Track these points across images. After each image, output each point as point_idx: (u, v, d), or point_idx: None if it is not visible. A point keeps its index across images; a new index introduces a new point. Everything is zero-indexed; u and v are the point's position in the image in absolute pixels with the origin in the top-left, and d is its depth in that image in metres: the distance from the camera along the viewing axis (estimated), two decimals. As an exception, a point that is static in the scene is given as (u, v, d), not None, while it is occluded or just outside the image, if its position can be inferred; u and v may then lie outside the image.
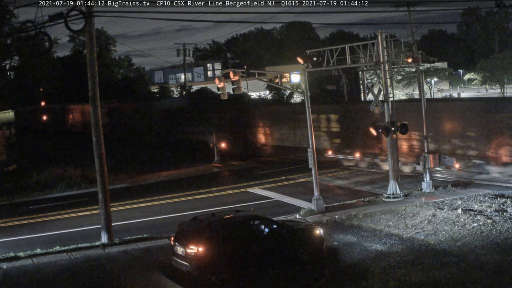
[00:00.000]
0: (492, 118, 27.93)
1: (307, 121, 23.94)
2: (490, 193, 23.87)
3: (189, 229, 16.86)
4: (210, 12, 56.47)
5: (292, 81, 66.19)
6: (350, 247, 18.40)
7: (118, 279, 16.89)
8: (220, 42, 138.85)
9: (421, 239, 18.54)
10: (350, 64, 27.07)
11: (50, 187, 32.29)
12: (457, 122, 29.69)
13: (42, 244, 20.40)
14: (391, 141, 24.80)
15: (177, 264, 16.57)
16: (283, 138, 41.16)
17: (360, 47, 27.05)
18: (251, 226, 17.09)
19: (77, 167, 36.28)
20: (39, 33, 21.02)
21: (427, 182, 25.42)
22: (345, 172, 32.41)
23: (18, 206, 29.08)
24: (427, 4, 66.89)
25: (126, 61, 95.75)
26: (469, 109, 30.36)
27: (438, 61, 57.09)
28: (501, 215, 20.12)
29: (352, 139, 35.18)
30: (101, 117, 21.04)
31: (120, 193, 30.17)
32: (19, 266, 18.30)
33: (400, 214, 21.74)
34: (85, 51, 22.20)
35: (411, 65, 26.81)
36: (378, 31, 24.69)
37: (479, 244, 17.42)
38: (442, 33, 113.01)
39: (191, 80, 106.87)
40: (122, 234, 21.13)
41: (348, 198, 25.64)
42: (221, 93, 24.70)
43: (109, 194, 21.08)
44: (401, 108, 28.05)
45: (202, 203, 26.50)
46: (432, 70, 62.38)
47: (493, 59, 68.76)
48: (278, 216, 21.94)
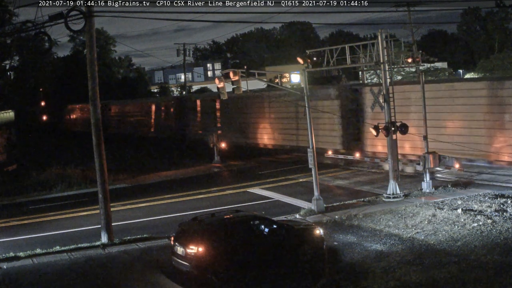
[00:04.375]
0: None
1: (307, 121, 23.96)
2: (490, 193, 23.87)
3: (189, 229, 16.87)
4: (210, 12, 56.59)
5: (292, 81, 66.12)
6: (350, 247, 18.40)
7: (118, 279, 16.90)
8: (220, 42, 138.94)
9: (421, 239, 18.54)
10: (350, 64, 27.08)
11: (50, 187, 32.29)
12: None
13: (42, 244, 20.42)
14: (391, 141, 24.80)
15: (177, 264, 16.58)
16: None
17: (360, 47, 27.06)
18: (251, 226, 17.10)
19: (77, 167, 36.29)
20: (39, 33, 21.05)
21: (427, 182, 25.42)
22: (345, 172, 32.40)
23: (18, 206, 29.09)
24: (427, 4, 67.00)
25: (126, 61, 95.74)
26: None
27: (438, 61, 57.03)
28: (501, 215, 20.12)
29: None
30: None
31: (120, 193, 30.17)
32: (19, 266, 18.32)
33: (400, 214, 21.75)
34: (85, 51, 22.20)
35: (411, 65, 26.84)
36: (378, 31, 24.68)
37: (479, 244, 17.42)
38: (442, 33, 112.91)
39: (191, 80, 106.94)
40: (122, 234, 21.13)
41: (348, 198, 25.64)
42: (221, 93, 24.70)
43: (109, 194, 21.09)
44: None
45: (202, 203, 26.50)
46: (432, 70, 62.35)
47: (493, 59, 68.67)
48: (278, 216, 21.94)
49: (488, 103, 28.29)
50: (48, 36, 21.03)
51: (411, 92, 30.90)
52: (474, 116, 28.69)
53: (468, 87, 30.12)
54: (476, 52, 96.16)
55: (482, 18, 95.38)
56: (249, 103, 45.85)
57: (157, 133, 61.41)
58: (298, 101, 32.35)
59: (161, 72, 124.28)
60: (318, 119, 34.44)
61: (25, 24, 22.52)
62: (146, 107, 66.01)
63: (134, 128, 66.40)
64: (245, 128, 46.32)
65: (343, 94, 35.82)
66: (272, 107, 43.31)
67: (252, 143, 45.00)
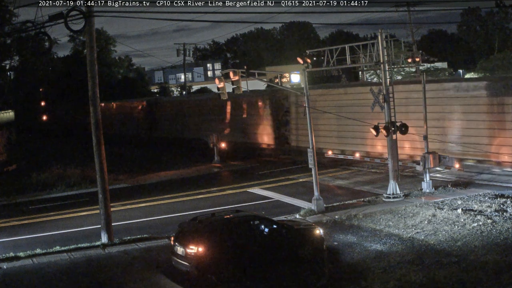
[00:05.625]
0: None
1: (307, 121, 23.96)
2: (490, 193, 23.87)
3: (189, 229, 16.88)
4: (210, 12, 56.60)
5: (292, 81, 66.03)
6: (350, 247, 18.40)
7: (118, 279, 16.90)
8: (220, 42, 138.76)
9: (421, 239, 18.54)
10: (350, 64, 27.08)
11: (50, 187, 32.30)
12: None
13: (42, 244, 20.43)
14: (391, 141, 24.80)
15: (177, 264, 16.58)
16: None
17: (360, 47, 27.06)
18: (251, 226, 17.11)
19: (77, 167, 36.30)
20: (39, 33, 21.06)
21: (427, 182, 25.42)
22: (345, 172, 32.40)
23: (18, 206, 29.09)
24: (427, 4, 66.93)
25: (126, 61, 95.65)
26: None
27: (438, 61, 57.05)
28: (501, 215, 20.13)
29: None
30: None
31: (120, 193, 30.18)
32: (19, 266, 18.33)
33: (400, 214, 21.75)
34: (85, 51, 22.21)
35: (411, 65, 26.86)
36: (378, 31, 24.67)
37: (479, 244, 17.43)
38: (442, 33, 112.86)
39: (191, 80, 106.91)
40: (122, 234, 21.14)
41: (348, 198, 25.64)
42: (221, 93, 24.71)
43: (109, 194, 21.10)
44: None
45: (202, 203, 26.51)
46: (432, 70, 62.34)
47: (493, 59, 68.64)
48: (278, 216, 21.95)
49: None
50: (48, 36, 21.05)
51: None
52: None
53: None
54: (476, 52, 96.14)
55: (482, 18, 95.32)
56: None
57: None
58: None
59: (161, 72, 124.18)
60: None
61: (25, 24, 22.56)
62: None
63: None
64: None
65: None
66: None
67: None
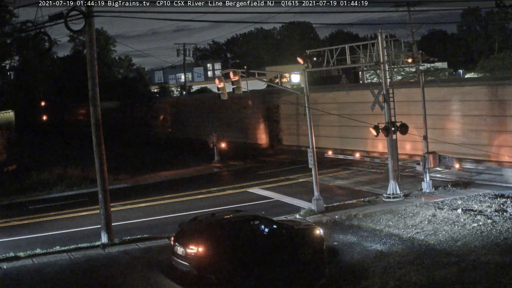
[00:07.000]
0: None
1: (307, 121, 23.95)
2: (490, 193, 23.86)
3: (189, 229, 16.88)
4: (210, 12, 56.58)
5: (292, 81, 66.01)
6: (350, 247, 18.40)
7: (118, 279, 16.90)
8: (220, 42, 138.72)
9: (421, 239, 18.54)
10: (350, 64, 27.11)
11: (50, 187, 32.27)
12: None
13: (42, 244, 20.41)
14: (391, 141, 24.79)
15: (177, 264, 16.58)
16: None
17: (360, 47, 27.05)
18: (251, 226, 17.10)
19: (77, 167, 36.28)
20: (39, 33, 21.03)
21: (427, 182, 25.41)
22: (345, 172, 32.40)
23: (18, 206, 29.09)
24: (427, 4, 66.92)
25: (126, 61, 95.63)
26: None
27: (438, 61, 57.07)
28: (501, 215, 20.12)
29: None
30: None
31: (120, 193, 30.16)
32: (19, 266, 18.32)
33: (400, 214, 21.74)
34: (85, 51, 22.21)
35: (411, 65, 26.81)
36: (378, 31, 24.66)
37: (479, 244, 17.42)
38: (442, 33, 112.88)
39: (191, 80, 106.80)
40: (122, 234, 21.13)
41: (348, 198, 25.63)
42: (221, 93, 24.70)
43: (109, 194, 21.09)
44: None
45: (202, 203, 26.50)
46: (432, 70, 62.30)
47: (493, 59, 68.62)
48: (278, 216, 21.95)
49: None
50: (48, 36, 20.99)
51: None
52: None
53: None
54: (476, 52, 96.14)
55: (482, 18, 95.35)
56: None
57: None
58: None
59: (161, 72, 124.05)
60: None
61: (25, 24, 22.52)
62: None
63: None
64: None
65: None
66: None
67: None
